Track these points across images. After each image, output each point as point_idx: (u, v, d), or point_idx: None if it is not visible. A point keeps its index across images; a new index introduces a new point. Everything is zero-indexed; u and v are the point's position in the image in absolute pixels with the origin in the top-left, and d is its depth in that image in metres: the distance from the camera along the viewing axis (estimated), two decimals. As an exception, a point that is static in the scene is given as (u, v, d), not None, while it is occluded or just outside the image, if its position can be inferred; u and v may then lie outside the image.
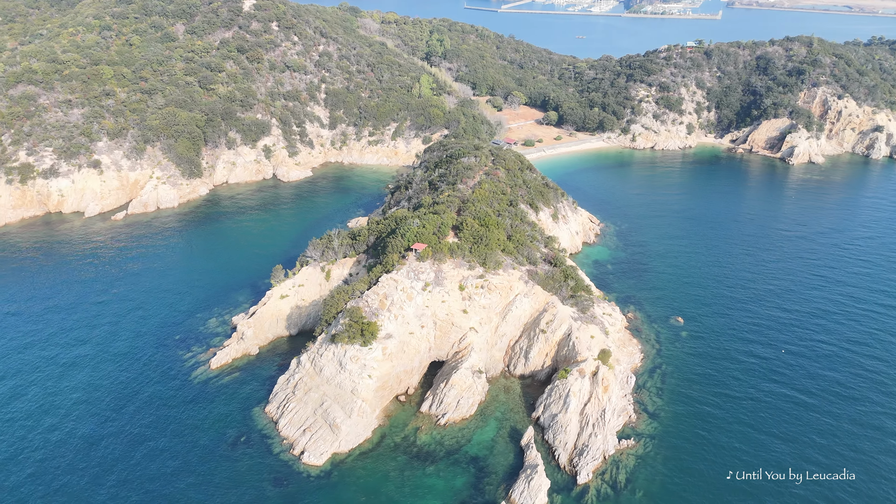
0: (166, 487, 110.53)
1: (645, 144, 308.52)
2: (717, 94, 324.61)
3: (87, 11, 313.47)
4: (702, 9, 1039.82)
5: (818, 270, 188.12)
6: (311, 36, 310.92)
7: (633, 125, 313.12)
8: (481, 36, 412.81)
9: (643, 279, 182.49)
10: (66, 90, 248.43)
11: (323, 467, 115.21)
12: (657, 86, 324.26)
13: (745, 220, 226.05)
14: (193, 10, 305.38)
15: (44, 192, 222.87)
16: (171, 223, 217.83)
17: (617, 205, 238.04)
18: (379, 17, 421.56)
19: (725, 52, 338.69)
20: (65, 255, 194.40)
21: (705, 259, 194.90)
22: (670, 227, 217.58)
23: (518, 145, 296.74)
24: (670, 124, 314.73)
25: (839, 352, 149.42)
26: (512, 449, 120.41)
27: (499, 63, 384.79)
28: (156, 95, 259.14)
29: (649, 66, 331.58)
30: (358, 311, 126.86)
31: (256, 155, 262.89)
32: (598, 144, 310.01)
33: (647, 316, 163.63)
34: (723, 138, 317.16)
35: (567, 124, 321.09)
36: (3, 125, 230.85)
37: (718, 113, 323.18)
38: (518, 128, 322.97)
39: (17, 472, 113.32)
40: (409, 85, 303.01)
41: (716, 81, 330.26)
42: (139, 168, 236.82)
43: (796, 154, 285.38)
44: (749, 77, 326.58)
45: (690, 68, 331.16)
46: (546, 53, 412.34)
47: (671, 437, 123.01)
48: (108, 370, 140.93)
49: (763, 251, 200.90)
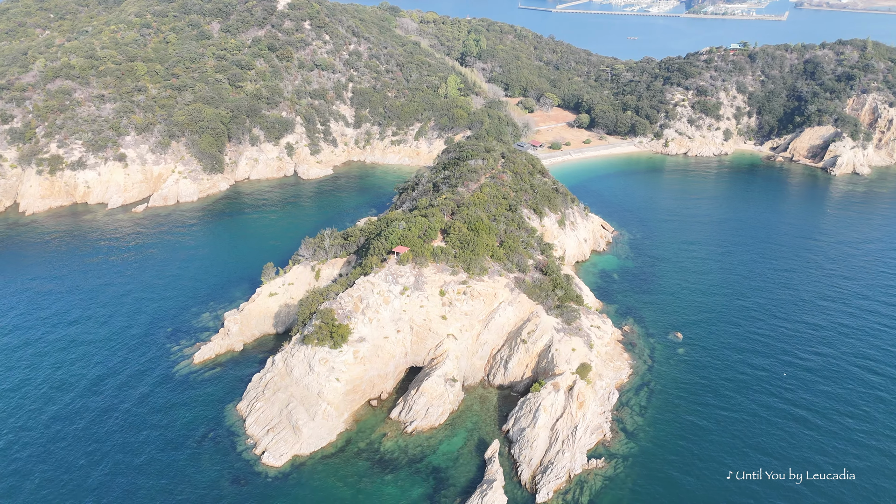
0: (122, 477, 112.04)
1: (678, 150, 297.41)
2: (759, 99, 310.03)
3: (131, 9, 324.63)
4: (767, 10, 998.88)
5: (844, 288, 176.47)
6: (342, 35, 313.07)
7: (666, 130, 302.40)
8: (519, 36, 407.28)
9: (649, 291, 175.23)
10: (101, 85, 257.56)
11: (282, 469, 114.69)
12: (695, 89, 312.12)
13: (770, 232, 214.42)
14: (229, 9, 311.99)
15: (71, 183, 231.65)
16: (188, 217, 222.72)
17: (637, 212, 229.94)
18: (418, 17, 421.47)
19: (771, 55, 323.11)
20: (83, 243, 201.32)
21: (721, 273, 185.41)
22: (689, 238, 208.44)
23: (544, 148, 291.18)
24: (706, 130, 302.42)
25: (859, 392, 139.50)
26: (476, 462, 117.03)
27: (534, 64, 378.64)
28: (185, 92, 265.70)
29: (688, 69, 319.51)
30: (330, 313, 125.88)
31: (279, 152, 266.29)
32: (628, 149, 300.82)
33: (645, 330, 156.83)
34: (763, 145, 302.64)
35: (598, 127, 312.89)
36: (38, 118, 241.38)
37: (760, 119, 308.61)
38: (547, 130, 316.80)
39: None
40: (436, 85, 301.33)
41: (759, 86, 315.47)
42: (163, 162, 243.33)
43: (839, 164, 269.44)
44: (795, 82, 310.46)
45: (732, 71, 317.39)
46: (585, 54, 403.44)
47: (646, 460, 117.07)
48: (92, 356, 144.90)
49: (784, 266, 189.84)
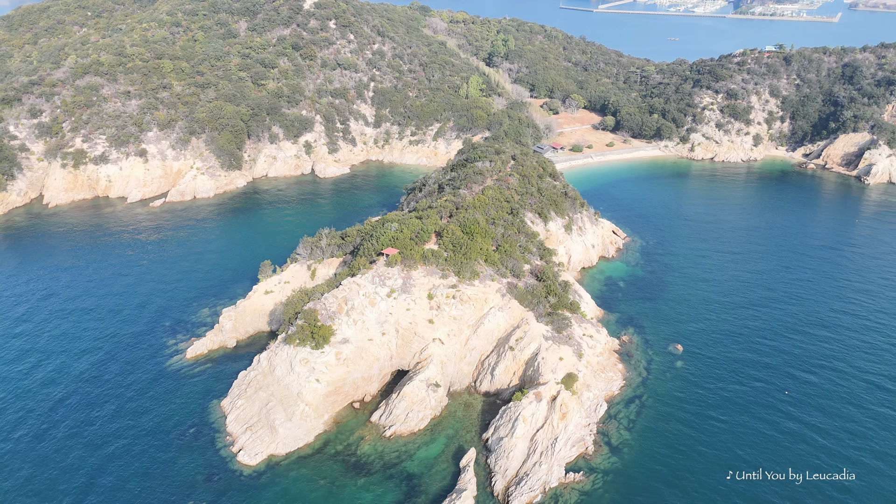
0: (97, 468, 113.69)
1: (704, 155, 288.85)
2: (793, 104, 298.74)
3: (164, 8, 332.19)
4: (819, 11, 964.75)
5: (865, 303, 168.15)
6: (367, 34, 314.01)
7: (692, 134, 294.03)
8: (549, 36, 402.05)
9: (654, 300, 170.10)
10: (128, 82, 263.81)
11: (256, 468, 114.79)
12: (725, 93, 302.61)
13: (793, 242, 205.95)
14: (257, 8, 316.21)
15: (93, 177, 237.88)
16: (203, 213, 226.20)
17: (653, 218, 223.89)
18: (448, 17, 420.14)
19: (808, 57, 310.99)
20: (102, 236, 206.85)
21: (734, 283, 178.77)
22: (705, 246, 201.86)
23: (565, 150, 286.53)
24: (734, 134, 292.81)
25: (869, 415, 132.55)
26: (451, 470, 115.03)
27: (562, 65, 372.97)
28: (209, 89, 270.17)
29: (719, 72, 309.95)
30: (313, 314, 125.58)
31: (297, 150, 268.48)
32: (652, 153, 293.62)
33: (645, 340, 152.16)
34: (795, 152, 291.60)
35: (623, 130, 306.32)
36: (65, 113, 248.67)
37: (793, 124, 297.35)
38: (571, 132, 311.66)
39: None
40: (458, 85, 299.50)
41: (793, 90, 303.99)
42: (182, 158, 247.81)
43: (874, 173, 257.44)
44: (832, 86, 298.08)
45: (766, 74, 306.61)
46: (615, 55, 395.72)
47: (627, 476, 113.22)
48: (92, 343, 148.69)
49: (802, 277, 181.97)
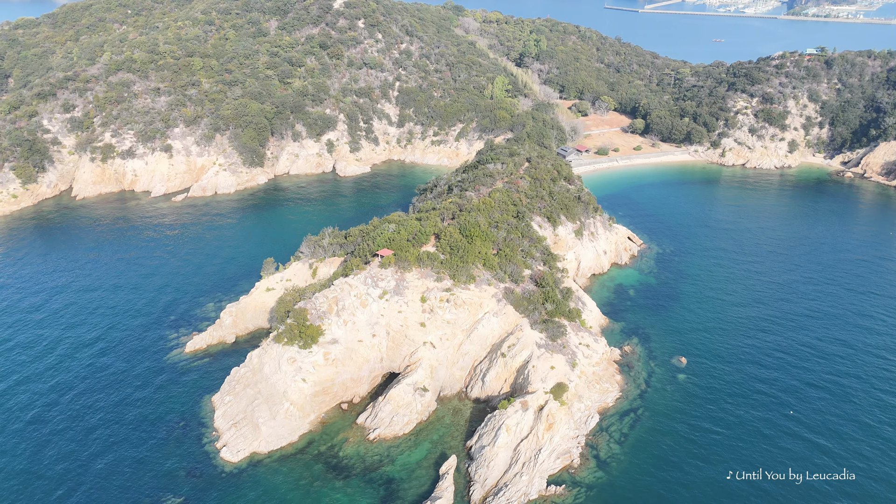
0: (83, 457, 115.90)
1: (735, 161, 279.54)
2: (832, 109, 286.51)
3: (199, 7, 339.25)
4: (878, 13, 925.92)
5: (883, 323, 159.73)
6: (395, 34, 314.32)
7: (724, 139, 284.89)
8: (583, 37, 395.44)
9: (663, 310, 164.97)
10: (158, 79, 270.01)
11: (238, 465, 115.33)
12: (760, 96, 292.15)
13: (820, 254, 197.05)
14: (287, 7, 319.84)
15: (120, 171, 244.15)
16: (222, 208, 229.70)
17: (674, 225, 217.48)
18: (481, 17, 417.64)
19: (851, 61, 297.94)
20: (125, 228, 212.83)
21: (750, 296, 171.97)
22: (724, 255, 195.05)
23: (590, 153, 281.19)
24: (768, 140, 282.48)
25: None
26: (431, 476, 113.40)
27: (594, 66, 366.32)
28: (236, 87, 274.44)
29: (756, 75, 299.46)
30: (303, 313, 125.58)
31: (319, 148, 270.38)
32: (681, 157, 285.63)
33: (648, 352, 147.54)
34: (832, 159, 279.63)
35: (652, 134, 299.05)
36: (97, 108, 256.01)
37: (831, 130, 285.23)
38: (598, 135, 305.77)
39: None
40: (483, 86, 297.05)
41: (833, 94, 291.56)
42: (206, 154, 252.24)
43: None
44: (875, 91, 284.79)
45: (804, 78, 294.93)
46: (651, 57, 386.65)
47: (612, 491, 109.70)
48: (99, 332, 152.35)
49: (823, 292, 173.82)
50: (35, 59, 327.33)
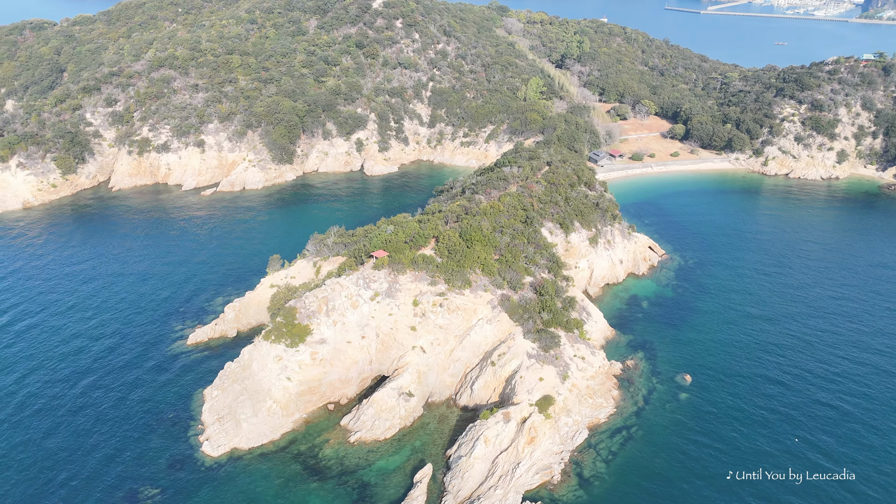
0: (71, 444, 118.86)
1: (778, 171, 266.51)
2: (887, 118, 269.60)
3: (244, 6, 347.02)
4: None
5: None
6: (432, 34, 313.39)
7: (767, 147, 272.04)
8: (628, 39, 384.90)
9: (675, 325, 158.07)
10: (198, 76, 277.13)
11: (218, 459, 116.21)
12: (809, 103, 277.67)
13: (859, 272, 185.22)
14: (328, 7, 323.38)
15: (155, 164, 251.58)
16: (249, 203, 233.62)
17: (701, 236, 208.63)
18: (525, 17, 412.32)
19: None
20: (156, 220, 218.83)
21: (773, 314, 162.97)
22: (751, 270, 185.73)
23: (624, 158, 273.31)
24: (815, 149, 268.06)
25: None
26: (406, 483, 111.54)
27: (637, 69, 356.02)
28: (271, 85, 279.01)
29: (806, 80, 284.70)
30: (292, 312, 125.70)
31: (348, 147, 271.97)
32: (720, 165, 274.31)
33: (652, 368, 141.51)
34: (885, 171, 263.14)
35: (692, 140, 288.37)
36: (137, 103, 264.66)
37: (886, 141, 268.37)
38: (636, 139, 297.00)
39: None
40: (517, 87, 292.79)
41: (890, 103, 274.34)
42: (237, 150, 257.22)
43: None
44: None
45: (859, 85, 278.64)
46: (698, 60, 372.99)
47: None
48: (111, 320, 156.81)
49: (852, 312, 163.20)
50: (88, 54, 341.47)
